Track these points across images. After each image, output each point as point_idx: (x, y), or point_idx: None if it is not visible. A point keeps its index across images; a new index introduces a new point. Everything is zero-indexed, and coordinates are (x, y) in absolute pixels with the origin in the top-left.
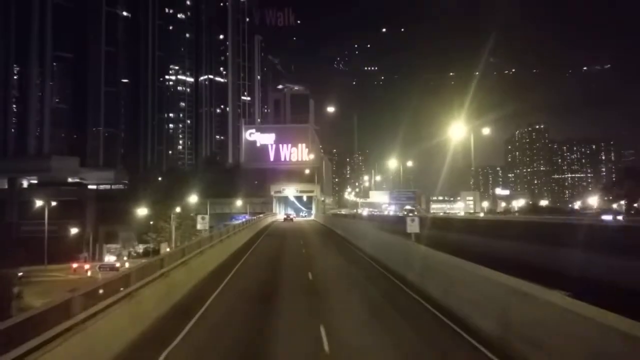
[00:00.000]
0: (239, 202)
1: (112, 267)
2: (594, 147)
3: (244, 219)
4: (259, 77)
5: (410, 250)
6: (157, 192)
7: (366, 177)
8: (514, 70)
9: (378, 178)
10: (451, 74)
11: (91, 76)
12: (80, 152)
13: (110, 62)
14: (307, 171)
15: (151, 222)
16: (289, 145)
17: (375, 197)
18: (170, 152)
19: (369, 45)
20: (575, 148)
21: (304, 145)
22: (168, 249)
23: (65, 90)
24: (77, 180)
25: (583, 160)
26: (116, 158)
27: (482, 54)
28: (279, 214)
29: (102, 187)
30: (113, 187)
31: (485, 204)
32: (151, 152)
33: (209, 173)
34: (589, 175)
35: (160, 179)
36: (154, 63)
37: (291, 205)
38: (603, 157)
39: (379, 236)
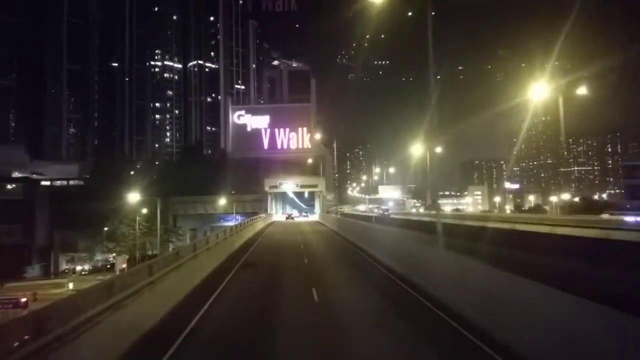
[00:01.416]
0: (227, 200)
1: (16, 303)
2: (600, 138)
3: (235, 221)
4: (254, 65)
5: None
6: (125, 189)
7: (377, 170)
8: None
9: (391, 170)
10: (460, 68)
11: (50, 49)
12: (38, 141)
13: (77, 36)
14: (309, 161)
15: (105, 229)
16: (287, 129)
17: (385, 193)
18: (157, 145)
19: (382, 36)
20: (581, 140)
21: (305, 129)
22: (124, 265)
23: (13, 63)
24: (26, 175)
25: (590, 153)
26: (87, 150)
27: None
28: (276, 213)
29: (59, 183)
30: (73, 183)
31: (497, 199)
32: (129, 143)
33: (191, 165)
34: (596, 168)
35: (132, 173)
36: (132, 42)
37: (290, 203)
38: (609, 150)
39: None
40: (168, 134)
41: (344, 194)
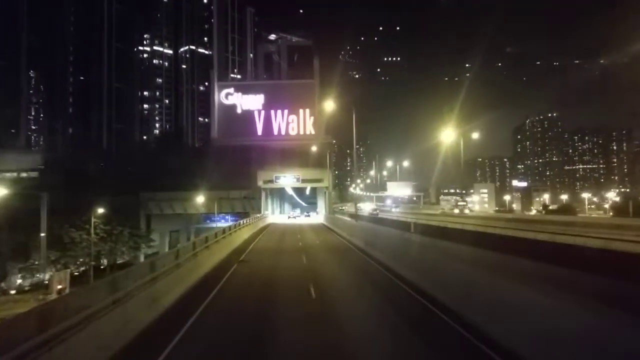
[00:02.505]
0: (211, 198)
1: None
2: (605, 136)
3: (224, 222)
4: (251, 55)
5: None
6: (91, 183)
7: (389, 164)
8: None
9: (405, 163)
10: (467, 65)
11: (4, 17)
12: None
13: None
14: (313, 148)
15: (42, 235)
16: (286, 111)
17: (395, 190)
18: (145, 137)
19: (398, 28)
20: (587, 138)
21: (307, 111)
22: (60, 286)
23: None
24: None
25: (595, 151)
26: (56, 139)
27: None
28: (272, 213)
29: (9, 175)
30: (25, 175)
31: (507, 198)
32: (108, 131)
33: (170, 156)
34: (602, 166)
35: (101, 165)
36: (112, 17)
37: (289, 201)
38: (615, 147)
39: None
40: (157, 124)
41: (343, 192)
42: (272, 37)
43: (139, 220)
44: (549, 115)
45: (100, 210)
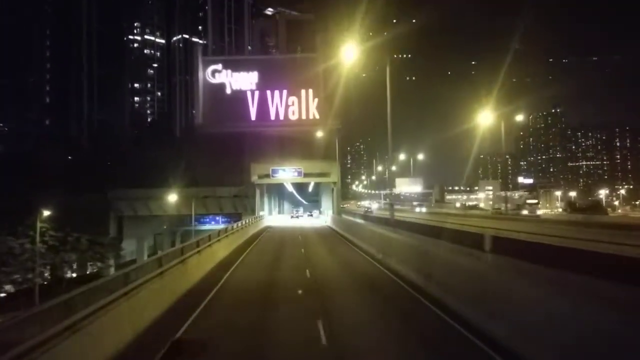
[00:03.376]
0: (188, 196)
1: None
2: (608, 132)
3: (215, 224)
4: (249, 47)
5: None
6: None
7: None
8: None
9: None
10: (473, 63)
11: None
12: None
13: None
14: (319, 134)
15: None
16: (285, 92)
17: (405, 186)
18: (136, 132)
19: (414, 21)
20: (590, 134)
21: (310, 91)
22: None
23: None
24: None
25: (599, 147)
26: (30, 130)
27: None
28: (269, 214)
29: None
30: None
31: (515, 195)
32: (88, 124)
33: (151, 148)
34: (605, 162)
35: (69, 159)
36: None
37: (289, 199)
38: (618, 144)
39: None
40: (149, 118)
41: (346, 189)
42: (270, 11)
43: (108, 223)
44: (552, 111)
45: (47, 213)
